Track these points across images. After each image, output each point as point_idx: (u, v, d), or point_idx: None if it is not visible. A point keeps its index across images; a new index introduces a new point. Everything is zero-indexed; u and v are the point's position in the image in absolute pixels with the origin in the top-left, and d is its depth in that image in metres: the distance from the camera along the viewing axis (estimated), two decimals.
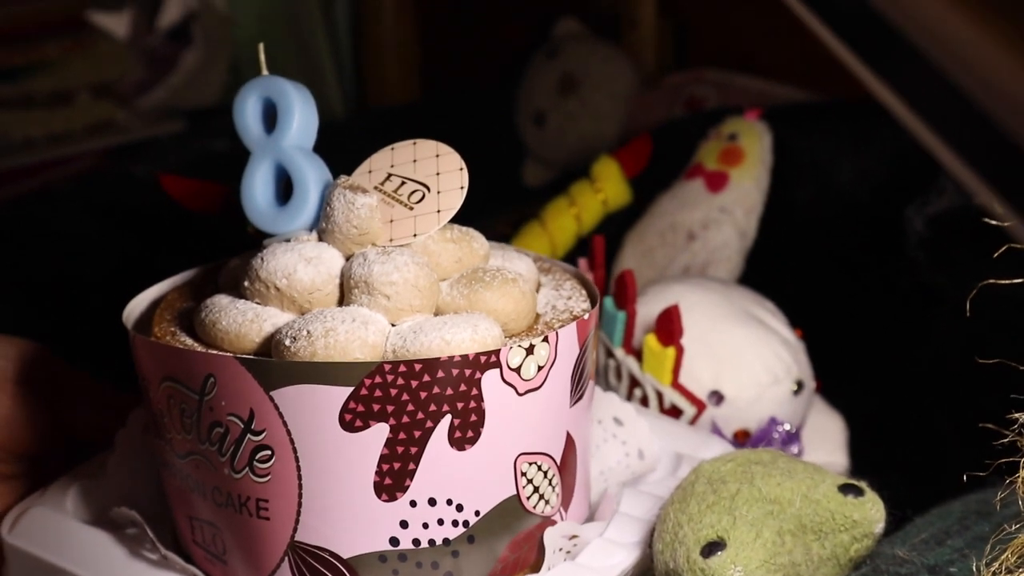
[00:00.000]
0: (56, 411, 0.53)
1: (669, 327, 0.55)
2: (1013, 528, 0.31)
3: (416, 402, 0.39)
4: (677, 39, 1.24)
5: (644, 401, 0.57)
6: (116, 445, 0.50)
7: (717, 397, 0.57)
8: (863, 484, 0.40)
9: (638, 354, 0.57)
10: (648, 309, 0.58)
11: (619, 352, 0.58)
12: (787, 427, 0.57)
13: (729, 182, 0.71)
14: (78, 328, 0.82)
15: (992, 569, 0.30)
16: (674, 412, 0.57)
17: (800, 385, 0.57)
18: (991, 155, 0.33)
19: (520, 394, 0.40)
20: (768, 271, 0.70)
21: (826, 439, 0.62)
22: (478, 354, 0.39)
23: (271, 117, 0.45)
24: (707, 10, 1.23)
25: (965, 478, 0.46)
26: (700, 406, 0.56)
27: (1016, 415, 0.30)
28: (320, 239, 0.44)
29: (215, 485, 0.41)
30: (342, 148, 0.46)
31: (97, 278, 0.94)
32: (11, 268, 0.94)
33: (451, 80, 1.44)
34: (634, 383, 0.58)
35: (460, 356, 0.39)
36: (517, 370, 0.40)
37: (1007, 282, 0.36)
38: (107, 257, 0.96)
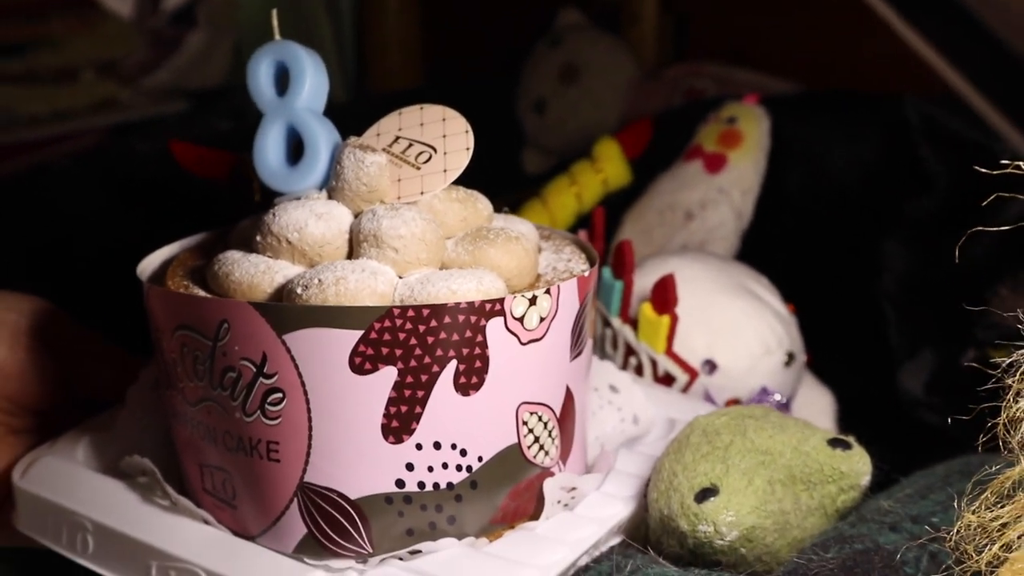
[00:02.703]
0: (67, 367, 0.54)
1: (664, 296, 0.57)
2: (993, 469, 0.32)
3: (423, 346, 0.40)
4: (678, 33, 1.26)
5: (639, 370, 0.59)
6: (127, 400, 0.52)
7: (710, 366, 0.58)
8: (851, 439, 0.42)
9: (634, 323, 0.59)
10: (645, 281, 0.59)
11: (616, 321, 0.59)
12: (778, 397, 0.58)
13: (727, 164, 0.73)
14: (83, 296, 0.83)
15: (972, 507, 0.31)
16: (668, 380, 0.58)
17: (792, 357, 0.59)
18: None
19: (523, 343, 0.42)
20: (762, 251, 0.72)
21: (815, 412, 0.63)
22: (483, 302, 0.40)
23: (283, 81, 0.46)
24: (707, 5, 1.24)
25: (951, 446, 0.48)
26: (693, 374, 0.58)
27: (997, 359, 0.32)
28: (330, 197, 0.45)
29: (226, 430, 0.43)
30: (343, 130, 0.47)
31: (101, 250, 0.95)
32: (16, 239, 0.95)
33: (452, 68, 1.45)
34: (629, 351, 0.59)
35: (466, 303, 0.40)
36: (520, 319, 0.41)
37: None
38: (111, 230, 0.97)
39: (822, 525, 0.41)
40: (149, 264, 0.50)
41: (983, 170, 0.38)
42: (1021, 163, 0.32)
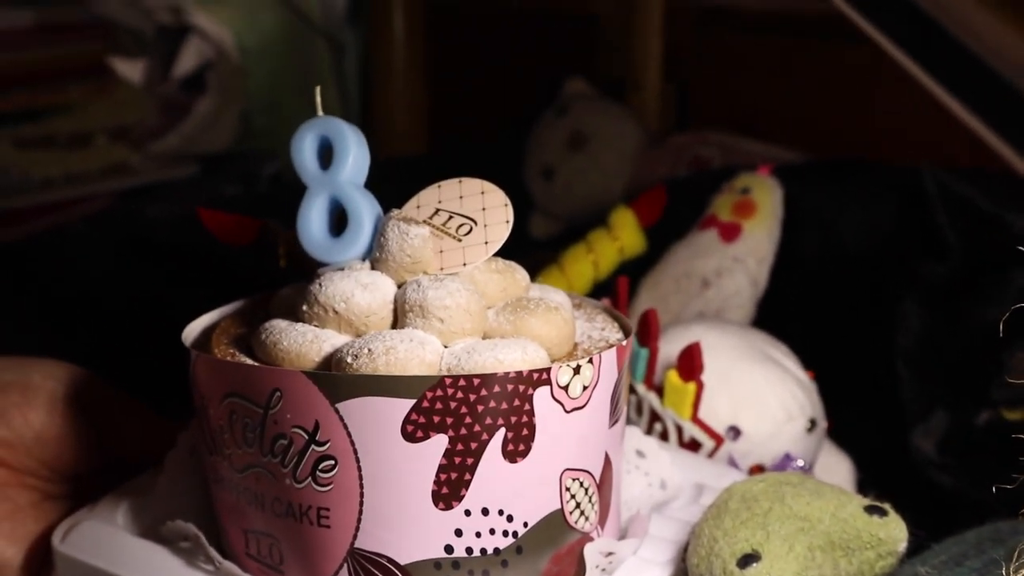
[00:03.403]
0: (103, 433, 0.55)
1: (690, 363, 0.58)
2: None
3: (473, 415, 0.41)
4: (680, 101, 1.29)
5: (664, 435, 0.60)
6: (165, 465, 0.52)
7: (735, 432, 0.59)
8: (887, 506, 0.43)
9: (659, 390, 0.60)
10: (669, 348, 0.60)
11: (640, 388, 0.61)
12: (801, 463, 0.59)
13: (742, 233, 0.75)
14: (103, 353, 0.84)
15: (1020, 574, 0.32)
16: (693, 446, 0.59)
17: (813, 423, 0.60)
18: None
19: (567, 411, 0.43)
20: (778, 318, 0.73)
21: (835, 478, 0.64)
22: (531, 371, 0.42)
23: (326, 155, 0.48)
24: (709, 75, 1.28)
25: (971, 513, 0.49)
26: (718, 440, 0.59)
27: (1011, 419, 0.33)
28: (373, 267, 0.46)
29: (275, 496, 0.44)
30: None
31: (116, 311, 0.96)
32: (33, 301, 0.96)
33: (457, 135, 1.48)
34: (654, 417, 0.60)
35: (515, 373, 0.41)
36: (565, 388, 0.43)
37: None
38: (125, 291, 0.99)
39: None
40: (191, 332, 0.51)
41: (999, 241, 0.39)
42: None
